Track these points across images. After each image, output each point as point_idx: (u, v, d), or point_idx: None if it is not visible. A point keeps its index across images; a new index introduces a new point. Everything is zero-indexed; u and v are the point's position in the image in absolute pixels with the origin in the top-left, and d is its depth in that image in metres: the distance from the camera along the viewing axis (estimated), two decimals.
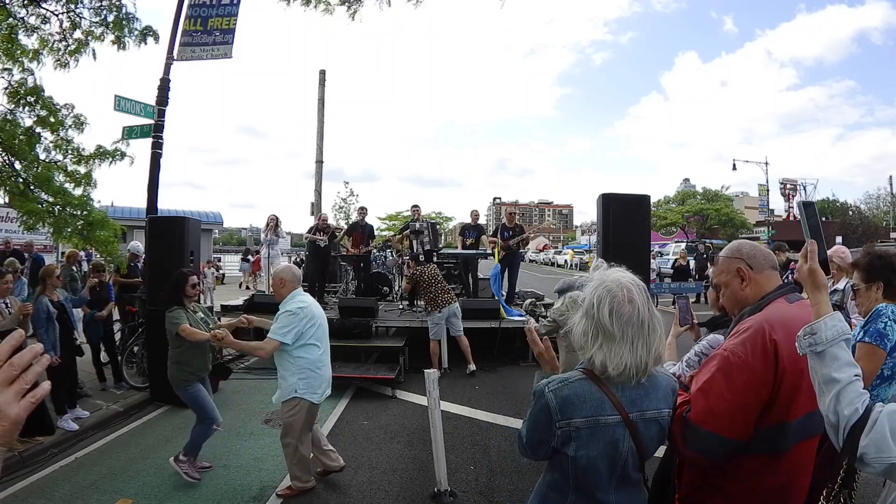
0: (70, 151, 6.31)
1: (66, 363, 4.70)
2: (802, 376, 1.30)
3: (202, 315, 3.87)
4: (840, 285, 3.38)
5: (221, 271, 19.83)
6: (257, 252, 18.56)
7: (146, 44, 6.75)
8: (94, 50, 6.58)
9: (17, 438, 0.65)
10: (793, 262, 3.45)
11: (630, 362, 1.23)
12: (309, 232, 8.38)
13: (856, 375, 1.13)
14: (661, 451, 3.45)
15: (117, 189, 65.76)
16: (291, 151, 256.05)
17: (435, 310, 6.34)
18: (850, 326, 1.43)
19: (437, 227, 9.81)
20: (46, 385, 0.67)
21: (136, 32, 6.65)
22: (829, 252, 3.56)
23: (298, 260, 18.29)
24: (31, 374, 0.66)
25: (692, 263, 14.76)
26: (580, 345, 1.31)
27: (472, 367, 6.43)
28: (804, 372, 1.30)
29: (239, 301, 8.17)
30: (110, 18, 6.53)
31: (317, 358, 3.24)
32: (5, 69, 6.06)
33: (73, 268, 6.95)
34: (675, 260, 15.01)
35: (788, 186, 36.63)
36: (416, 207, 9.11)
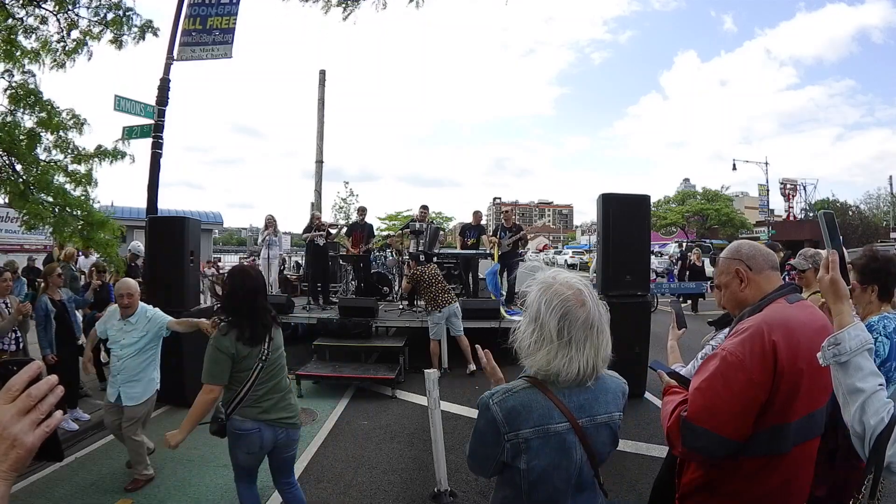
0: (70, 151, 6.31)
1: (68, 363, 4.70)
2: (801, 377, 1.30)
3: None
4: None
5: (221, 271, 19.81)
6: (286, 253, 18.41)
7: (144, 40, 6.76)
8: (91, 51, 6.59)
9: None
10: (789, 264, 3.43)
11: (581, 366, 1.19)
12: (305, 231, 8.34)
13: (879, 385, 1.12)
14: (662, 452, 3.45)
15: (117, 189, 65.58)
16: (289, 151, 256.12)
17: (435, 310, 6.34)
18: None
19: (440, 230, 9.62)
20: (59, 414, 0.71)
21: (134, 30, 6.66)
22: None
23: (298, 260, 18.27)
24: (47, 405, 0.69)
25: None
26: (527, 351, 1.24)
27: (472, 367, 6.43)
28: (803, 373, 1.30)
29: None
30: (109, 17, 6.54)
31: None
32: (6, 71, 6.07)
33: (73, 266, 6.95)
34: (690, 260, 15.24)
35: (788, 186, 36.64)
36: (424, 208, 8.87)
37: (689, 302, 12.68)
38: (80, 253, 8.18)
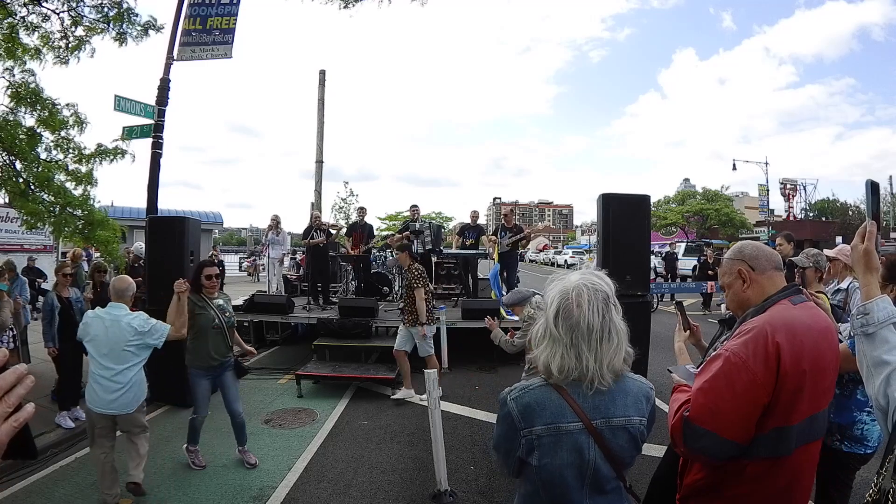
0: (71, 150, 6.31)
1: (70, 361, 4.71)
2: (805, 379, 1.29)
3: (221, 303, 4.03)
4: (844, 284, 3.33)
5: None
6: (304, 252, 18.20)
7: (148, 36, 6.79)
8: (94, 49, 6.60)
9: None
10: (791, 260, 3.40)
11: (573, 366, 1.22)
12: (306, 236, 8.35)
13: None
14: (660, 452, 3.45)
15: (117, 189, 65.56)
16: (287, 151, 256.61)
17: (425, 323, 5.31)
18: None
19: (441, 228, 9.69)
20: (30, 407, 0.64)
21: (137, 27, 6.69)
22: (833, 252, 3.49)
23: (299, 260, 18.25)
24: (14, 397, 0.63)
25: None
26: (535, 344, 1.33)
27: (400, 394, 5.52)
28: (806, 375, 1.29)
29: (239, 301, 8.16)
30: (112, 14, 6.57)
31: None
32: (6, 69, 6.07)
33: (77, 267, 6.98)
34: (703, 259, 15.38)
35: (788, 186, 36.63)
36: (414, 207, 9.08)
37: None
38: (87, 255, 8.23)
